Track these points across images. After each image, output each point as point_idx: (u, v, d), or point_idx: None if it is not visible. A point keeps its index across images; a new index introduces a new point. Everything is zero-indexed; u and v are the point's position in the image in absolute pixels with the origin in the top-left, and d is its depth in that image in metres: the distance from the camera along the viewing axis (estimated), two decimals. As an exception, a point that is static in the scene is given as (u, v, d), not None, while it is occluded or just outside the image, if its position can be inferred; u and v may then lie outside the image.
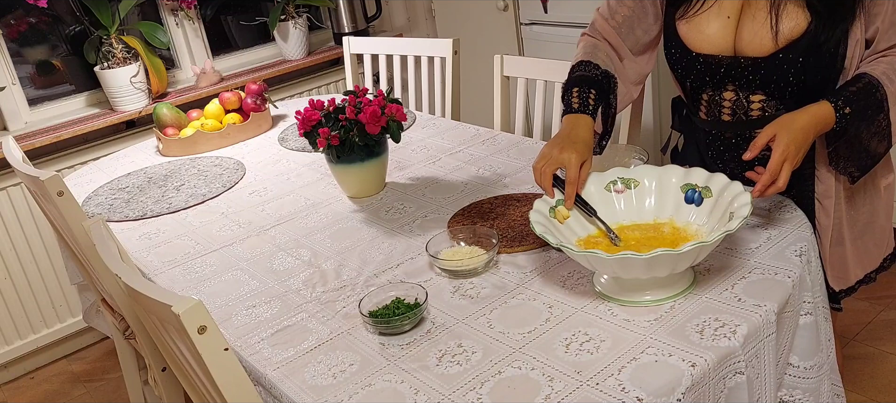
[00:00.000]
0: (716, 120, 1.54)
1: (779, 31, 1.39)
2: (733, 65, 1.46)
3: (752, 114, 1.49)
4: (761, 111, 1.47)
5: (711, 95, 1.53)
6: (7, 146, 2.01)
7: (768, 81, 1.44)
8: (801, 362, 1.26)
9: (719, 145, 1.57)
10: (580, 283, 1.32)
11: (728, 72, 1.47)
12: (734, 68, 1.46)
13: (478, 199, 1.71)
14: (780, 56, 1.40)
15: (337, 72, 3.39)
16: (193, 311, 1.01)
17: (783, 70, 1.41)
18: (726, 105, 1.51)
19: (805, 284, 1.26)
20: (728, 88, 1.50)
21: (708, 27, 1.48)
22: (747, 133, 1.51)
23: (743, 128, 1.51)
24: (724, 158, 1.57)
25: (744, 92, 1.48)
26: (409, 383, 1.14)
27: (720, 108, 1.52)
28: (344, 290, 1.43)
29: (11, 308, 2.78)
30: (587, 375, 1.09)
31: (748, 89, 1.47)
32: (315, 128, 1.73)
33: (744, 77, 1.46)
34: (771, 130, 1.31)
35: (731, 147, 1.55)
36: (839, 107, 1.34)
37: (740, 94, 1.48)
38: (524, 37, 3.17)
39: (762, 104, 1.47)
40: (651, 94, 2.69)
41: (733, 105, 1.50)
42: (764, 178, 1.29)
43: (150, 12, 3.11)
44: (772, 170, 1.29)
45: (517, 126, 2.33)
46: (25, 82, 2.89)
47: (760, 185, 1.29)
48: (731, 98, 1.50)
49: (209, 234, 1.78)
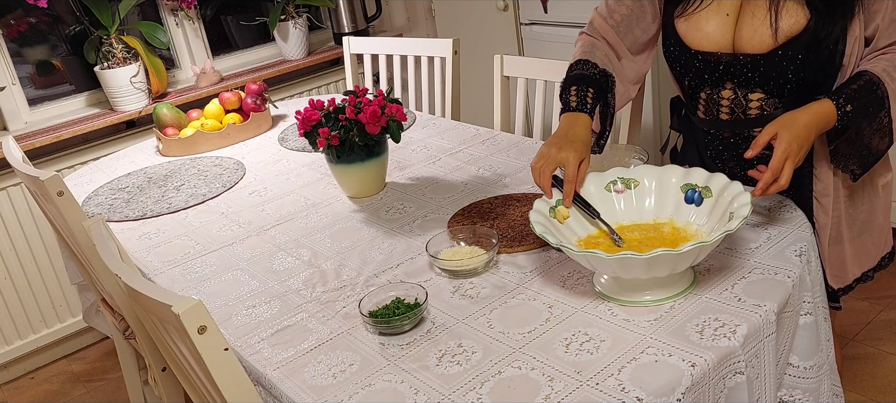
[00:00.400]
0: (714, 119, 1.54)
1: (778, 27, 1.39)
2: (732, 62, 1.46)
3: (751, 112, 1.48)
4: (759, 109, 1.47)
5: (710, 94, 1.53)
6: (7, 146, 2.01)
7: (767, 79, 1.44)
8: (800, 362, 1.26)
9: (718, 144, 1.57)
10: (580, 283, 1.32)
11: (727, 69, 1.47)
12: (733, 65, 1.46)
13: (478, 199, 1.71)
14: (780, 53, 1.40)
15: (337, 72, 3.39)
16: (193, 311, 1.01)
17: (782, 67, 1.41)
18: (725, 103, 1.51)
19: (805, 284, 1.26)
20: (726, 87, 1.50)
21: (707, 25, 1.48)
22: (745, 132, 1.51)
23: (741, 126, 1.51)
24: (722, 158, 1.57)
25: (742, 90, 1.48)
26: (409, 383, 1.14)
27: (718, 107, 1.52)
28: (344, 290, 1.43)
29: (11, 308, 2.78)
30: (587, 375, 1.09)
31: (747, 87, 1.47)
32: (315, 128, 1.73)
33: (743, 74, 1.46)
34: (773, 128, 1.31)
35: (729, 146, 1.55)
36: (840, 104, 1.34)
37: (739, 93, 1.48)
38: (524, 37, 3.17)
39: (761, 102, 1.47)
40: (651, 94, 2.69)
41: (732, 103, 1.50)
42: (766, 177, 1.29)
43: (150, 12, 3.11)
44: (774, 169, 1.28)
45: (517, 126, 2.33)
46: (25, 82, 2.89)
47: (762, 184, 1.29)
48: (730, 96, 1.50)
49: (209, 234, 1.78)
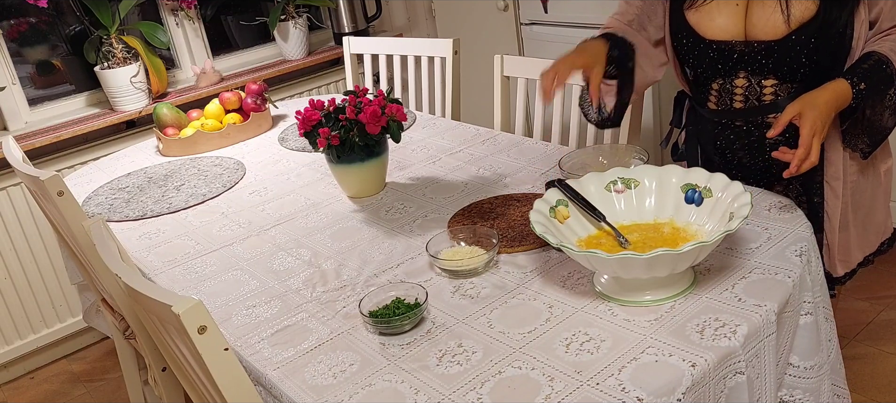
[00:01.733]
0: (727, 108, 1.56)
1: (790, 15, 1.42)
2: (746, 50, 1.48)
3: (765, 99, 1.51)
4: (774, 95, 1.50)
5: (722, 84, 1.55)
6: (7, 146, 2.01)
7: (781, 64, 1.47)
8: (801, 362, 1.26)
9: (729, 134, 1.58)
10: (580, 283, 1.32)
11: (741, 57, 1.50)
12: (747, 54, 1.49)
13: (478, 199, 1.71)
14: (793, 38, 1.43)
15: (337, 72, 3.39)
16: (193, 311, 1.01)
17: (796, 52, 1.44)
18: (738, 92, 1.53)
19: (805, 284, 1.26)
20: (740, 75, 1.52)
21: (718, 15, 1.51)
22: (759, 119, 1.53)
23: (755, 113, 1.53)
24: (733, 147, 1.59)
25: (755, 77, 1.50)
26: (409, 383, 1.14)
27: (732, 96, 1.54)
28: (344, 290, 1.43)
29: (11, 308, 2.78)
30: (587, 375, 1.09)
31: (760, 74, 1.50)
32: (315, 128, 1.73)
33: (756, 62, 1.48)
34: (795, 108, 1.34)
35: (741, 134, 1.57)
36: (855, 83, 1.38)
37: (752, 80, 1.51)
38: (524, 37, 3.17)
39: (774, 88, 1.49)
40: (651, 94, 2.68)
41: (746, 91, 1.52)
42: (799, 153, 1.32)
43: (150, 12, 3.11)
44: (806, 145, 1.31)
45: (517, 126, 2.33)
46: (25, 82, 2.89)
47: (797, 160, 1.32)
48: (743, 85, 1.52)
49: (209, 234, 1.78)
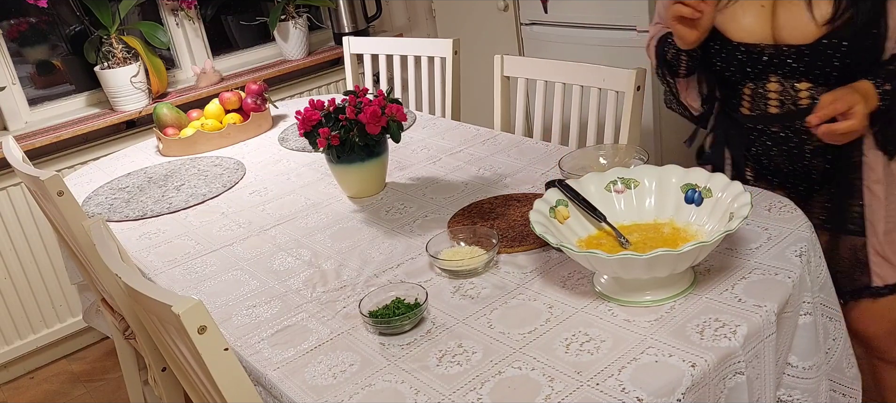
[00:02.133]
0: (762, 113, 1.53)
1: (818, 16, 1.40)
2: (776, 53, 1.46)
3: (801, 103, 1.48)
4: (810, 99, 1.47)
5: (754, 89, 1.52)
6: (7, 146, 2.01)
7: (813, 68, 1.44)
8: (799, 362, 1.26)
9: (766, 140, 1.55)
10: (580, 283, 1.32)
11: (770, 61, 1.47)
12: (777, 57, 1.46)
13: (478, 199, 1.71)
14: (825, 41, 1.41)
15: (337, 72, 3.39)
16: (193, 311, 1.01)
17: (827, 55, 1.41)
18: (773, 97, 1.50)
19: (805, 284, 1.26)
20: (771, 80, 1.49)
21: (744, 17, 1.49)
22: (797, 123, 1.49)
23: (793, 118, 1.50)
24: (770, 154, 1.56)
25: (788, 81, 1.48)
26: (409, 383, 1.14)
27: (766, 101, 1.52)
28: (344, 290, 1.43)
29: (11, 308, 2.78)
30: (587, 375, 1.09)
31: (793, 78, 1.47)
32: (315, 128, 1.73)
33: (787, 66, 1.46)
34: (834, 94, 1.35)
35: (779, 140, 1.53)
36: (879, 84, 1.37)
37: (785, 84, 1.48)
38: (524, 37, 3.17)
39: (810, 92, 1.46)
40: (651, 94, 2.68)
41: (780, 96, 1.49)
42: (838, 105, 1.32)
43: (150, 12, 3.11)
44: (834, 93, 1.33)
45: (517, 126, 2.33)
46: (25, 82, 2.89)
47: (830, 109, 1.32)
48: (777, 89, 1.49)
49: (209, 234, 1.78)
